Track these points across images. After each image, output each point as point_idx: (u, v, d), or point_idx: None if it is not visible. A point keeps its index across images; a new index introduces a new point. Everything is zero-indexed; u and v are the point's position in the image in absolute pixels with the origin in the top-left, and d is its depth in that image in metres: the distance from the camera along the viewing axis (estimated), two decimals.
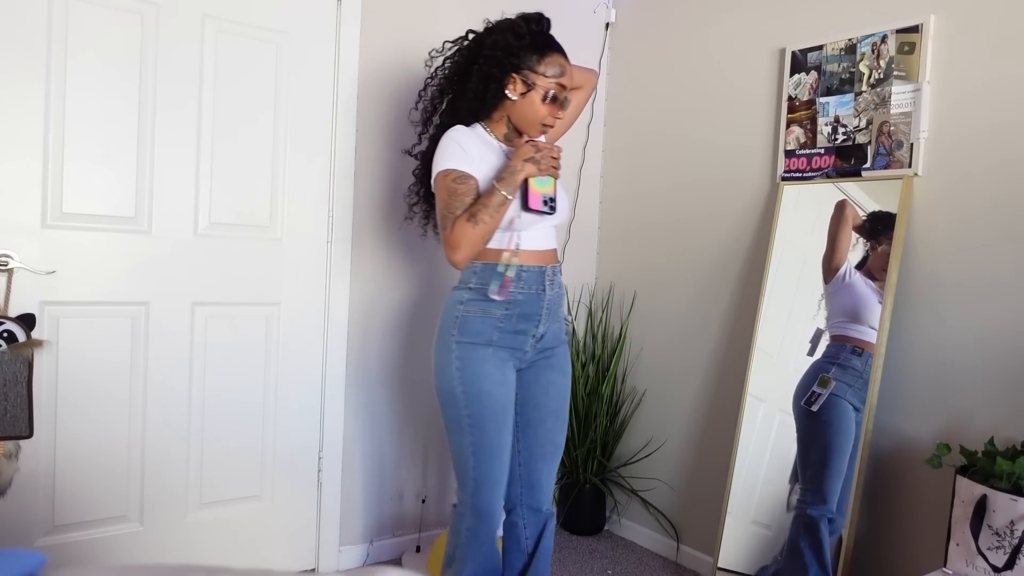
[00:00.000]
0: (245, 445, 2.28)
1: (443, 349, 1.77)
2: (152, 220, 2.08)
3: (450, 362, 1.74)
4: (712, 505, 2.49)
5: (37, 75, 1.89)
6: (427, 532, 2.62)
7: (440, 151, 1.75)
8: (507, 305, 1.74)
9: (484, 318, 1.74)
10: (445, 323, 1.78)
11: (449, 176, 1.71)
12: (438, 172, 1.73)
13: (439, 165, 1.73)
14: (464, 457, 1.76)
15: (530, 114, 1.77)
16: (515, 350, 1.78)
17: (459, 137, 1.74)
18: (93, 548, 2.05)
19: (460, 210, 1.67)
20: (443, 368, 1.76)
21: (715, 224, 2.56)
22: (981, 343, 1.88)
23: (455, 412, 1.75)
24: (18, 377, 1.78)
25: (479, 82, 1.75)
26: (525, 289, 1.75)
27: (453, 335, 1.75)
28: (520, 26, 1.75)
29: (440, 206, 1.72)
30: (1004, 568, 1.55)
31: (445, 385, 1.76)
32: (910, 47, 2.01)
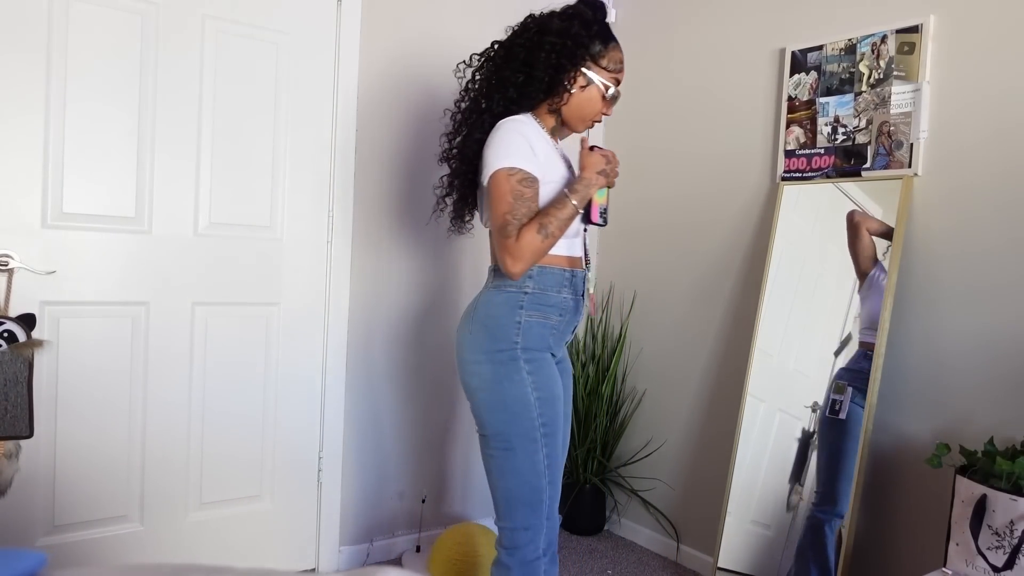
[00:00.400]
0: (245, 445, 2.28)
1: (503, 357, 1.58)
2: (152, 220, 2.08)
3: (517, 369, 1.57)
4: (712, 505, 2.50)
5: (37, 75, 1.90)
6: (427, 532, 2.62)
7: (502, 144, 1.56)
8: (561, 311, 1.64)
9: (544, 323, 1.62)
10: (501, 328, 1.59)
11: (515, 176, 1.53)
12: (500, 168, 1.54)
13: (501, 160, 1.54)
14: (536, 474, 1.58)
15: (587, 109, 1.66)
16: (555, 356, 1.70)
17: (526, 132, 1.57)
18: (93, 548, 2.05)
19: (526, 217, 1.52)
20: (507, 376, 1.57)
21: (715, 224, 2.56)
22: (981, 343, 1.88)
23: (527, 423, 1.57)
24: (18, 377, 1.79)
25: (545, 72, 1.60)
26: (574, 295, 1.67)
27: (517, 341, 1.58)
28: (587, 14, 1.63)
29: (502, 208, 1.53)
30: (1004, 568, 1.55)
31: (515, 393, 1.57)
32: (910, 47, 2.01)
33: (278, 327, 2.31)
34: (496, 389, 1.58)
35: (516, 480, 1.58)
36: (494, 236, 1.58)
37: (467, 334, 1.63)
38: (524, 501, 1.59)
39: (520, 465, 1.58)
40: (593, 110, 1.67)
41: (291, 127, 2.29)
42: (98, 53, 1.97)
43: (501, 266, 1.55)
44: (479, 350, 1.60)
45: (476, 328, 1.62)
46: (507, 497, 1.60)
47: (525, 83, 1.61)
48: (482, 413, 1.61)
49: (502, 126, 1.58)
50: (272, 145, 2.27)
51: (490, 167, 1.56)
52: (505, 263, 1.53)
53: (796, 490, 2.14)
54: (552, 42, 1.59)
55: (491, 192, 1.55)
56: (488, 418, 1.60)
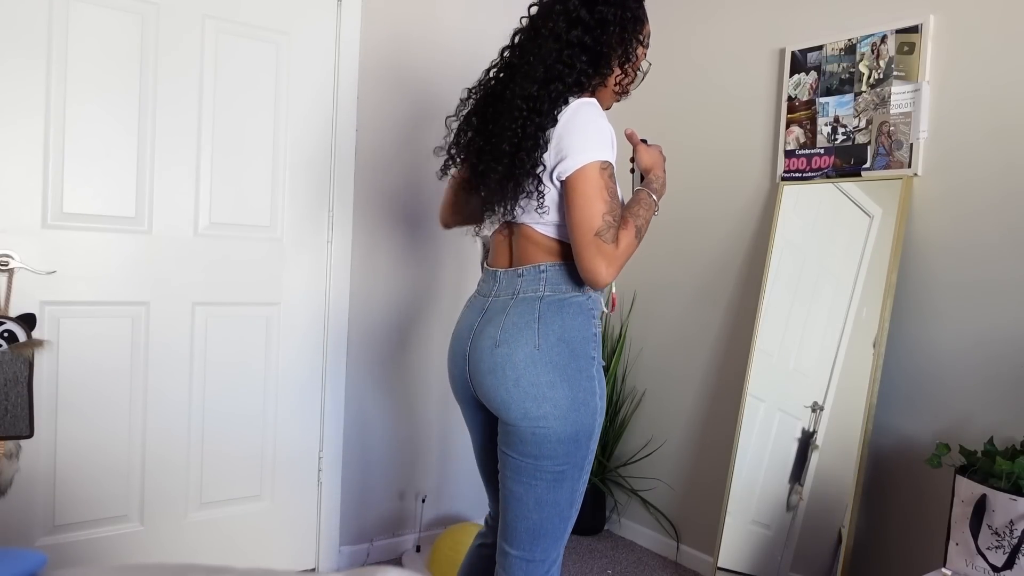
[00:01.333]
0: (245, 445, 2.28)
1: (581, 377, 1.34)
2: (152, 220, 2.08)
3: (593, 391, 1.35)
4: (712, 505, 2.50)
5: (38, 75, 1.90)
6: (427, 532, 2.62)
7: (592, 131, 1.33)
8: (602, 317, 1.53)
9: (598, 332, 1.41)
10: (580, 342, 1.35)
11: (607, 171, 1.32)
12: (594, 161, 1.30)
13: (595, 151, 1.31)
14: (571, 504, 1.40)
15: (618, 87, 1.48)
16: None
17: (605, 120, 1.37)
18: (93, 548, 2.05)
19: (619, 218, 1.33)
20: (584, 400, 1.34)
21: (715, 224, 2.56)
22: (980, 343, 1.88)
23: (585, 452, 1.36)
24: (19, 377, 1.79)
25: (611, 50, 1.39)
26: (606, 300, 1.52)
27: (594, 356, 1.37)
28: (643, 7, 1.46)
29: (598, 208, 1.30)
30: (1003, 568, 1.55)
31: (587, 421, 1.34)
32: (910, 47, 2.01)
33: (278, 327, 2.31)
34: (572, 418, 1.33)
35: (551, 511, 1.38)
36: (583, 238, 1.30)
37: (532, 350, 1.33)
38: (552, 534, 1.41)
39: (561, 497, 1.38)
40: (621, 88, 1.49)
41: (291, 127, 2.29)
42: (98, 53, 1.97)
43: (589, 272, 1.30)
44: (554, 369, 1.33)
45: (548, 342, 1.33)
46: (533, 528, 1.39)
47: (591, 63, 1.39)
48: (544, 443, 1.33)
49: (583, 110, 1.34)
50: (272, 145, 2.27)
51: (580, 158, 1.30)
52: (598, 270, 1.29)
53: (796, 490, 2.14)
54: (615, 12, 1.38)
55: (578, 189, 1.30)
56: (551, 449, 1.33)
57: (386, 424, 2.54)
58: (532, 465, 1.35)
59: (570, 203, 1.32)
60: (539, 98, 1.35)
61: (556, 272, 1.39)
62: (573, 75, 1.37)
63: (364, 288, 2.45)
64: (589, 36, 1.37)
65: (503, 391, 1.35)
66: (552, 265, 1.39)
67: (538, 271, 1.40)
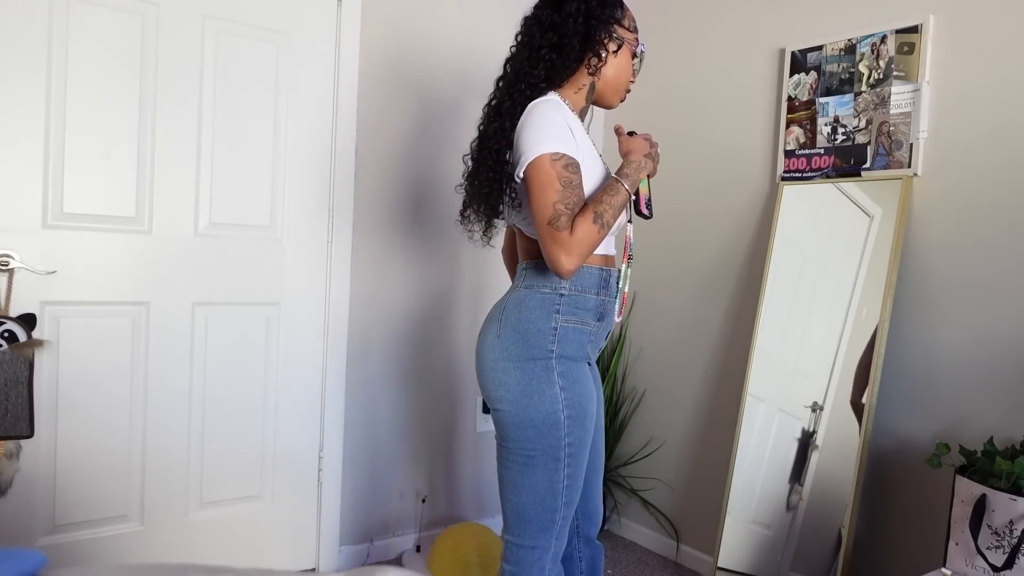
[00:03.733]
0: (245, 445, 2.28)
1: (536, 366, 1.43)
2: (152, 220, 2.08)
3: (552, 381, 1.42)
4: (712, 505, 2.50)
5: (38, 75, 1.90)
6: (427, 532, 2.62)
7: (539, 127, 1.39)
8: (598, 315, 1.49)
9: (582, 329, 1.47)
10: (535, 334, 1.44)
11: (560, 161, 1.36)
12: (542, 154, 1.36)
13: (542, 145, 1.36)
14: (553, 493, 1.45)
15: (623, 76, 1.53)
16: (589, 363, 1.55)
17: (564, 114, 1.43)
18: (94, 548, 2.05)
19: (578, 207, 1.36)
20: (538, 389, 1.42)
21: (715, 224, 2.56)
22: (980, 343, 1.88)
23: (554, 441, 1.43)
24: (19, 377, 1.79)
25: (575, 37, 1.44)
26: (609, 296, 1.52)
27: (552, 349, 1.43)
28: None
29: (550, 197, 1.35)
30: (1003, 568, 1.55)
31: (545, 409, 1.42)
32: (909, 47, 2.01)
33: (278, 327, 2.32)
34: (524, 403, 1.42)
35: (531, 497, 1.45)
36: (540, 230, 1.37)
37: (494, 339, 1.46)
38: (535, 520, 1.47)
39: (537, 483, 1.44)
40: (627, 76, 1.55)
41: (291, 127, 2.29)
42: (98, 53, 1.97)
43: (551, 263, 1.36)
44: (507, 357, 1.44)
45: (506, 332, 1.45)
46: (518, 512, 1.47)
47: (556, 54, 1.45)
48: (505, 425, 1.45)
49: (535, 108, 1.41)
50: (272, 145, 2.27)
51: (528, 154, 1.37)
52: (558, 260, 1.34)
53: (796, 490, 2.14)
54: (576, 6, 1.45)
55: (533, 181, 1.36)
56: (512, 432, 1.44)
57: (386, 424, 2.54)
58: (503, 447, 1.48)
59: (528, 198, 1.40)
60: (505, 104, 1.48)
61: (531, 269, 1.50)
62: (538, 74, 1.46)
63: (364, 288, 2.45)
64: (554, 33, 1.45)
65: (478, 374, 1.51)
66: (529, 263, 1.51)
67: (522, 269, 1.53)
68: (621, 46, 1.52)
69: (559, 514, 1.46)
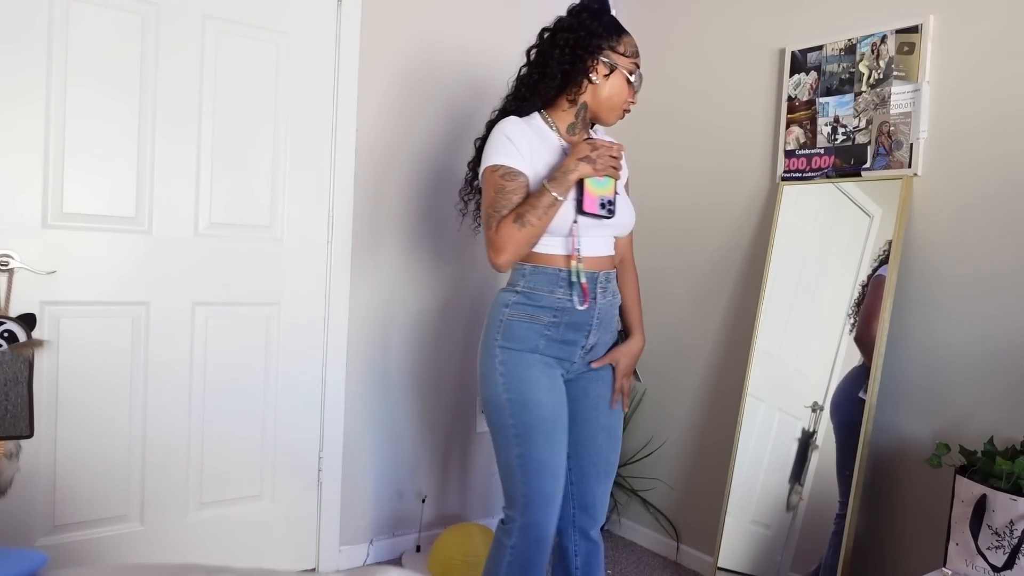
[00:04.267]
0: (245, 445, 2.28)
1: (487, 354, 1.65)
2: (152, 220, 2.08)
3: (494, 368, 1.62)
4: (712, 505, 2.50)
5: (37, 75, 1.90)
6: (427, 532, 2.62)
7: (488, 144, 1.63)
8: (555, 312, 1.61)
9: (530, 323, 1.62)
10: (490, 327, 1.67)
11: (497, 172, 1.59)
12: (485, 167, 1.61)
13: (487, 160, 1.62)
14: (511, 471, 1.62)
15: (616, 98, 1.66)
16: (562, 360, 1.66)
17: (509, 130, 1.62)
18: (93, 548, 2.05)
19: (506, 209, 1.55)
20: (488, 374, 1.64)
21: (715, 224, 2.56)
22: (980, 343, 1.88)
23: (501, 422, 1.62)
24: (19, 377, 1.79)
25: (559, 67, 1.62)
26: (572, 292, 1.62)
27: (497, 339, 1.63)
28: (594, 6, 1.66)
29: (486, 204, 1.60)
30: (1004, 568, 1.55)
31: (490, 392, 1.63)
32: (910, 47, 2.01)
33: (278, 327, 2.31)
34: (481, 386, 1.67)
35: (501, 472, 1.67)
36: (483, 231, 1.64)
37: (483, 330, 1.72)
38: (505, 493, 1.67)
39: (500, 460, 1.66)
40: (622, 98, 1.67)
41: (291, 127, 2.29)
42: (98, 53, 1.97)
43: (488, 259, 1.59)
44: (480, 346, 1.70)
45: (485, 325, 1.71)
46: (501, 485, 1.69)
47: (538, 81, 1.66)
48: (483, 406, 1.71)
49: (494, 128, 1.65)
50: (272, 145, 2.27)
51: (480, 170, 1.65)
52: (488, 256, 1.58)
53: (796, 490, 2.14)
54: (565, 37, 1.62)
55: (482, 190, 1.65)
56: (484, 412, 1.69)
57: (386, 424, 2.54)
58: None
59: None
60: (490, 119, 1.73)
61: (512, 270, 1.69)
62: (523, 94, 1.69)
63: (364, 287, 2.45)
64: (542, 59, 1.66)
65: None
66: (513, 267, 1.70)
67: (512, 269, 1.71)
68: (614, 70, 1.65)
69: (518, 491, 1.62)
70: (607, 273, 1.68)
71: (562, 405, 1.65)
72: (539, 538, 1.62)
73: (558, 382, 1.66)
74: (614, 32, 1.66)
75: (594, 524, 1.77)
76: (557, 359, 1.65)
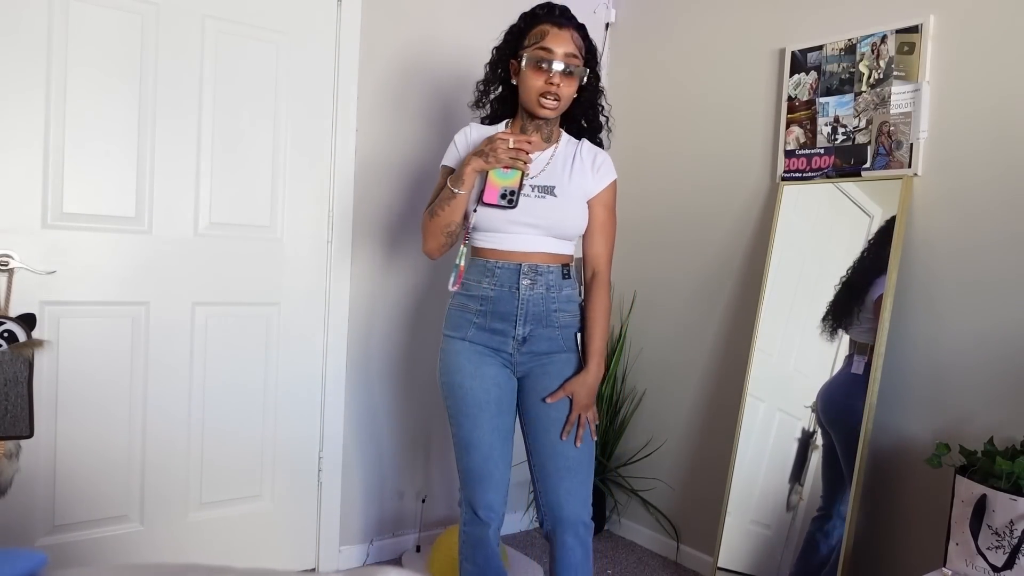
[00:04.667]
0: (245, 445, 2.28)
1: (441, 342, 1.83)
2: (152, 220, 2.08)
3: (439, 354, 1.81)
4: (712, 505, 2.50)
5: (37, 75, 1.90)
6: (427, 532, 2.62)
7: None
8: (482, 301, 1.72)
9: (462, 313, 1.76)
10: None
11: (441, 172, 1.82)
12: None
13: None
14: (455, 452, 1.80)
15: (530, 88, 1.68)
16: (497, 351, 1.73)
17: (457, 136, 1.82)
18: (93, 548, 2.05)
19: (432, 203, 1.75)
20: (438, 360, 1.82)
21: (715, 224, 2.56)
22: (980, 343, 1.88)
23: (444, 403, 1.81)
24: (19, 377, 1.79)
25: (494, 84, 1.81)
26: (497, 286, 1.70)
27: (443, 328, 1.81)
28: (517, 23, 1.75)
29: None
30: (1004, 568, 1.55)
31: (437, 376, 1.82)
32: (910, 47, 2.01)
33: (278, 327, 2.31)
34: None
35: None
36: None
37: None
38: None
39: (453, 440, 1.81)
40: (534, 87, 1.68)
41: (291, 127, 2.29)
42: (98, 53, 1.97)
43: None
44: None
45: None
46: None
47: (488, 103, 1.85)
48: None
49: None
50: (272, 145, 2.27)
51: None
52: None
53: (796, 490, 2.14)
54: (492, 61, 1.81)
55: None
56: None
57: (386, 424, 2.54)
58: None
59: None
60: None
61: None
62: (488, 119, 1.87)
63: (364, 288, 2.45)
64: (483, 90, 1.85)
65: None
66: None
67: None
68: (523, 66, 1.70)
69: (459, 471, 1.78)
70: (535, 265, 1.70)
71: (488, 392, 1.73)
72: (477, 517, 1.73)
73: (489, 370, 1.73)
74: (526, 29, 1.73)
75: (563, 524, 1.70)
76: (492, 349, 1.74)
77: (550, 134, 1.78)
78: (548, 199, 1.70)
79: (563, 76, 1.66)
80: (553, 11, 1.73)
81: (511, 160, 1.62)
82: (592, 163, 1.77)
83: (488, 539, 1.75)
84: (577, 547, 1.70)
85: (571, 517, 1.69)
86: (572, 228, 1.75)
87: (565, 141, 1.80)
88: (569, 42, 1.68)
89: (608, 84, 2.99)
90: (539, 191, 1.71)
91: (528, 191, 1.69)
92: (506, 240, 1.71)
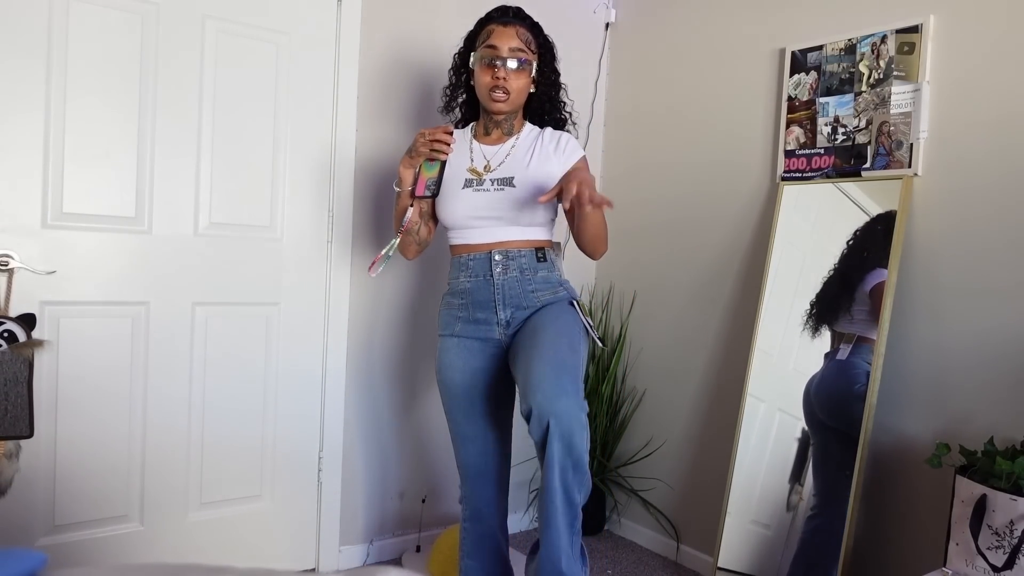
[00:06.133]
0: (245, 445, 2.28)
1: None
2: (152, 220, 2.08)
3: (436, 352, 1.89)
4: (712, 505, 2.50)
5: (37, 75, 1.90)
6: (427, 532, 2.62)
7: None
8: (462, 294, 1.81)
9: (449, 310, 1.85)
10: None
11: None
12: None
13: None
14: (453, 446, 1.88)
15: (480, 87, 1.79)
16: (485, 340, 1.81)
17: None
18: (94, 548, 2.05)
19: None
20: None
21: (715, 224, 2.56)
22: (981, 343, 1.88)
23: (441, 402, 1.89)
24: (19, 377, 1.79)
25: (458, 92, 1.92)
26: (473, 277, 1.79)
27: (438, 327, 1.90)
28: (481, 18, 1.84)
29: None
30: (1004, 568, 1.55)
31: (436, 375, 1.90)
32: (910, 47, 2.01)
33: (278, 327, 2.31)
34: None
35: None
36: None
37: None
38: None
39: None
40: (483, 83, 1.77)
41: (291, 126, 2.29)
42: (98, 53, 1.97)
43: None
44: None
45: None
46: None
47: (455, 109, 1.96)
48: None
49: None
50: (272, 145, 2.27)
51: None
52: None
53: (796, 490, 2.14)
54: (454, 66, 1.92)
55: None
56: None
57: (386, 424, 2.54)
58: None
59: None
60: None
61: None
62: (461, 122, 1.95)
63: (364, 287, 2.45)
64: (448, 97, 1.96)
65: None
66: None
67: None
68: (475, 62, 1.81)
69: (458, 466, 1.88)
70: (505, 251, 1.77)
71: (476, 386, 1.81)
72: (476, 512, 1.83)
73: (475, 362, 1.81)
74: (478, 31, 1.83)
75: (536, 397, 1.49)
76: (482, 340, 1.80)
77: (511, 128, 1.85)
78: (507, 190, 1.76)
79: (509, 71, 1.74)
80: (506, 12, 1.81)
81: (431, 152, 1.73)
82: (555, 147, 1.81)
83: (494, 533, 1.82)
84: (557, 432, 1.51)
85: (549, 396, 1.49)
86: (532, 215, 1.78)
87: (527, 131, 1.86)
88: (514, 37, 1.76)
89: (608, 84, 2.99)
90: (498, 184, 1.77)
91: (488, 185, 1.77)
92: (474, 234, 1.79)
